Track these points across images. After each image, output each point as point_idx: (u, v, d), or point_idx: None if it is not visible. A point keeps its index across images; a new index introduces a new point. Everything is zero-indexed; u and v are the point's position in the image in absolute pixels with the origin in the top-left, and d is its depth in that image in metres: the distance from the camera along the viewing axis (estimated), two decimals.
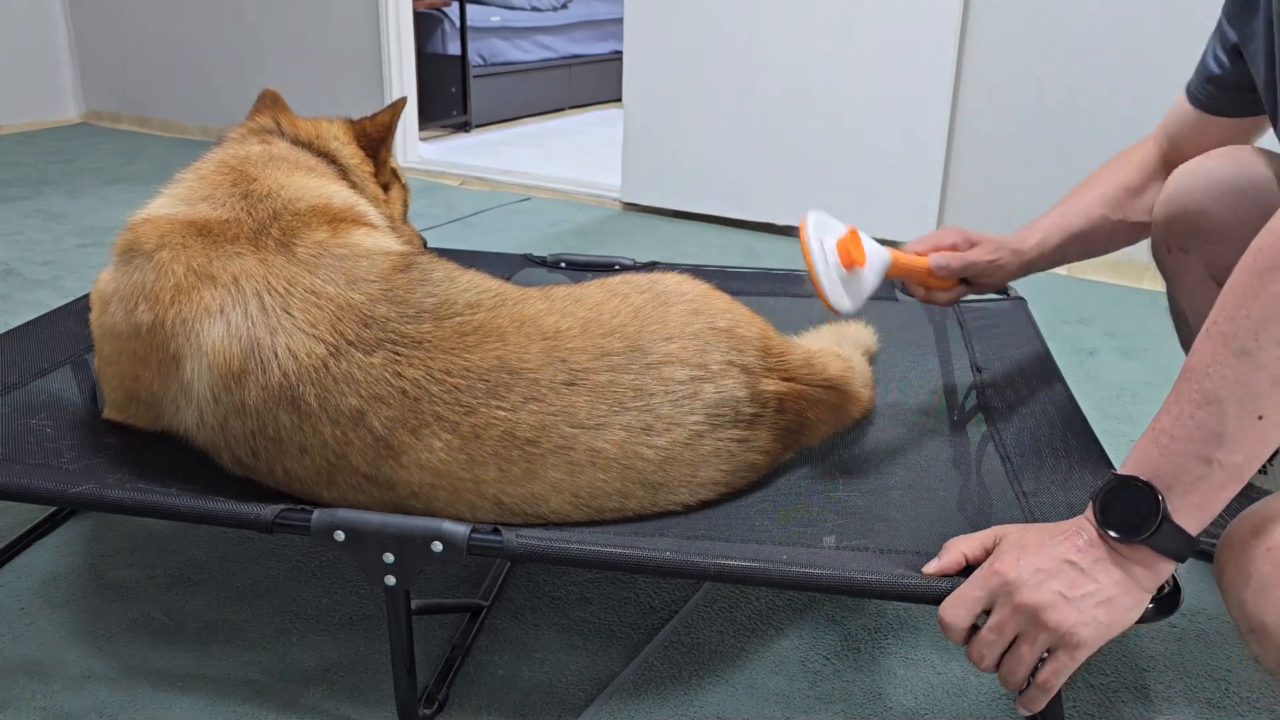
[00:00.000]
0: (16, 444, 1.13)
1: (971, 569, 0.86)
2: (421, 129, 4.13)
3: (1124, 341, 2.24)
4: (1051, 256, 1.28)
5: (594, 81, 5.54)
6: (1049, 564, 0.80)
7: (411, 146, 3.94)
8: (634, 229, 3.13)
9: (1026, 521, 0.97)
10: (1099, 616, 0.78)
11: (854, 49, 2.84)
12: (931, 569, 0.89)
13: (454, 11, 4.56)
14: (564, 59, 5.31)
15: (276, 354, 0.96)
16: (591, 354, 1.00)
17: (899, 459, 1.17)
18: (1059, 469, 1.12)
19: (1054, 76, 2.64)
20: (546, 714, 1.08)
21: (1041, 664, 0.81)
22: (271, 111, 1.29)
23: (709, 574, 0.90)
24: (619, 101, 3.91)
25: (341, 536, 0.93)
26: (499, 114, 4.91)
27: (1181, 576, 0.89)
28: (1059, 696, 0.84)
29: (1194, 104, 1.22)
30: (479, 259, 1.66)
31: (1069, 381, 1.35)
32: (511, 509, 0.99)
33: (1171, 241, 1.23)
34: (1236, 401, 0.74)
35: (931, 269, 1.22)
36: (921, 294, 1.27)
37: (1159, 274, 1.31)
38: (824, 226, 1.12)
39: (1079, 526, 0.81)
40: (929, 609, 1.24)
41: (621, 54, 3.36)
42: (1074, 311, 2.43)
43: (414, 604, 1.00)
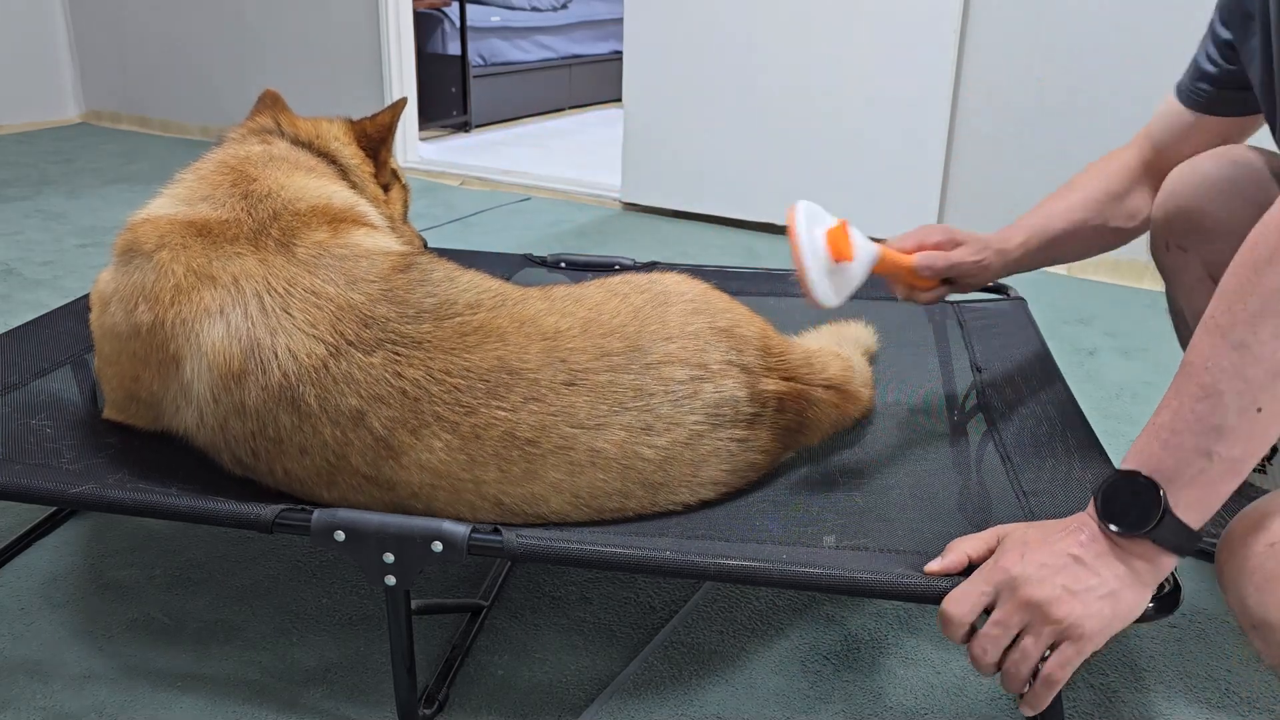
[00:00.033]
0: (16, 444, 1.13)
1: (974, 569, 0.86)
2: (421, 129, 4.13)
3: (1124, 341, 2.24)
4: (1035, 258, 1.28)
5: (594, 81, 5.54)
6: (1053, 559, 0.80)
7: (411, 146, 3.95)
8: (634, 229, 3.13)
9: (1027, 521, 0.97)
10: (1103, 610, 0.78)
11: (854, 49, 2.84)
12: (934, 568, 0.89)
13: (454, 11, 4.56)
14: (564, 59, 5.31)
15: (276, 354, 0.96)
16: (591, 354, 1.00)
17: (899, 459, 1.17)
18: (1059, 469, 1.12)
19: (1054, 76, 2.64)
20: (546, 714, 1.08)
21: (1044, 662, 0.81)
22: (271, 112, 1.29)
23: (709, 574, 0.90)
24: (619, 101, 3.91)
25: (341, 536, 0.93)
26: (499, 114, 4.91)
27: (1182, 576, 0.89)
28: (1059, 697, 0.84)
29: (1185, 103, 1.22)
30: (479, 259, 1.66)
31: (1069, 381, 1.35)
32: (512, 509, 0.99)
33: (1170, 240, 1.23)
34: (1235, 394, 0.74)
35: (916, 269, 1.21)
36: (903, 293, 1.25)
37: (1159, 274, 1.31)
38: (814, 217, 1.07)
39: (1081, 522, 0.82)
40: (929, 609, 1.24)
41: (621, 54, 3.36)
42: (1074, 311, 2.43)
43: (414, 604, 1.00)
